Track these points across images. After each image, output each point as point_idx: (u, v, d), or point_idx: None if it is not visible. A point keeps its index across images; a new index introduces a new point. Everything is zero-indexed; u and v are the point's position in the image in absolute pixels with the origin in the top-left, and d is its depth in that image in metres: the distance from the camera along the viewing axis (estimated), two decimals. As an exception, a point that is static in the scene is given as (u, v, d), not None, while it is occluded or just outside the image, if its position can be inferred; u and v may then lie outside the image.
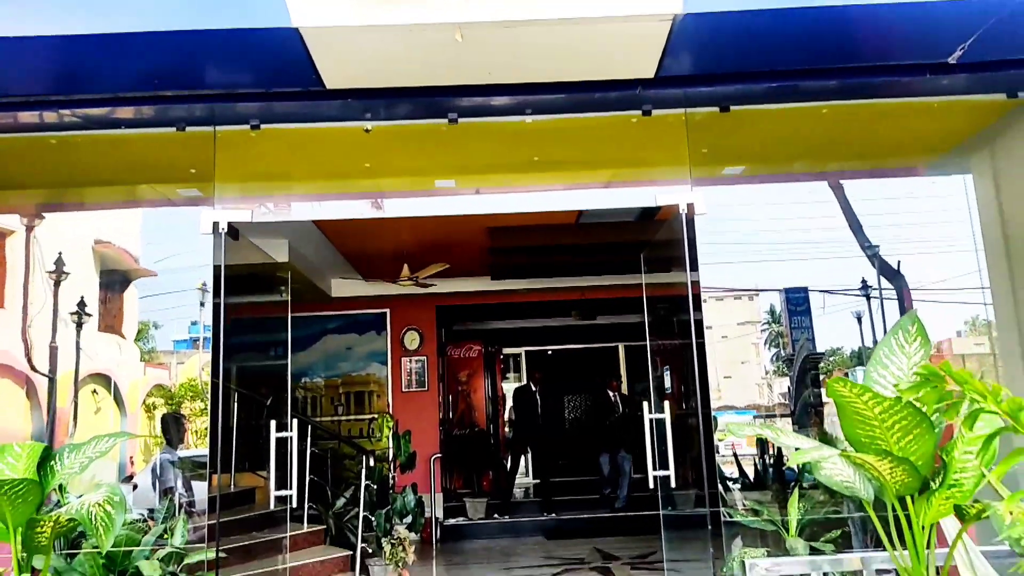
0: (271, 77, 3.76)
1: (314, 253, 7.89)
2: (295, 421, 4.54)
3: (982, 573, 2.34)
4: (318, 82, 3.73)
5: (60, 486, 3.11)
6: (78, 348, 7.89)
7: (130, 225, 8.73)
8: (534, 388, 10.88)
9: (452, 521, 9.62)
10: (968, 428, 1.98)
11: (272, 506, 4.55)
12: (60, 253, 7.71)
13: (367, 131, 4.05)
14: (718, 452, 6.90)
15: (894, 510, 2.28)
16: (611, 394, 10.35)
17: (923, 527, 2.20)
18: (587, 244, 7.65)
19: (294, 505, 4.52)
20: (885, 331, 7.18)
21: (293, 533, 5.95)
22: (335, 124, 4.13)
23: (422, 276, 8.15)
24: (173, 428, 5.99)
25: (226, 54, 3.58)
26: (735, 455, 6.05)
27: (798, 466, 4.30)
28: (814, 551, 3.91)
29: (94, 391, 8.04)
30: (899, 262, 7.03)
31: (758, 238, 7.68)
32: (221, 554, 3.87)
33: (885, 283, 7.21)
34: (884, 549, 2.37)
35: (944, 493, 2.13)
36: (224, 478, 5.78)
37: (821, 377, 6.45)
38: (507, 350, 13.73)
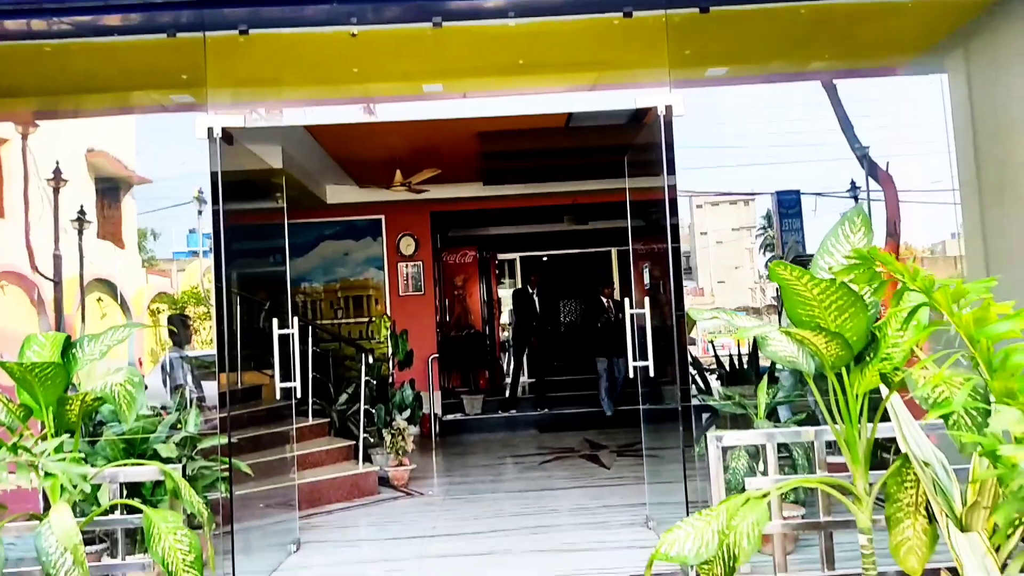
0: (257, -19, 3.82)
1: (308, 159, 7.99)
2: (295, 320, 4.81)
3: (913, 439, 2.62)
4: (303, -14, 3.79)
5: (76, 384, 3.38)
6: (81, 254, 8.12)
7: (124, 133, 8.79)
8: (531, 291, 11.25)
9: (450, 417, 10.12)
10: (895, 304, 2.22)
11: (278, 398, 4.84)
12: (57, 161, 7.83)
13: (353, 35, 4.12)
14: (704, 349, 7.20)
15: (834, 383, 2.55)
16: (604, 301, 10.62)
17: (857, 396, 2.47)
18: (577, 148, 7.73)
19: (298, 396, 4.81)
20: (872, 231, 7.38)
21: (299, 425, 6.33)
22: (322, 29, 4.19)
23: (415, 181, 8.27)
24: (180, 328, 6.26)
25: (211, -42, 3.63)
26: (714, 351, 6.37)
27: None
28: (779, 431, 4.23)
29: (99, 298, 8.31)
30: (887, 163, 7.16)
31: (749, 141, 7.76)
32: (233, 441, 4.20)
33: (874, 185, 7.36)
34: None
35: (876, 365, 2.38)
36: (231, 376, 6.12)
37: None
38: (501, 256, 13.98)
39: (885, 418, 2.65)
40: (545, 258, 14.63)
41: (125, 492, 3.42)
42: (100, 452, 4.02)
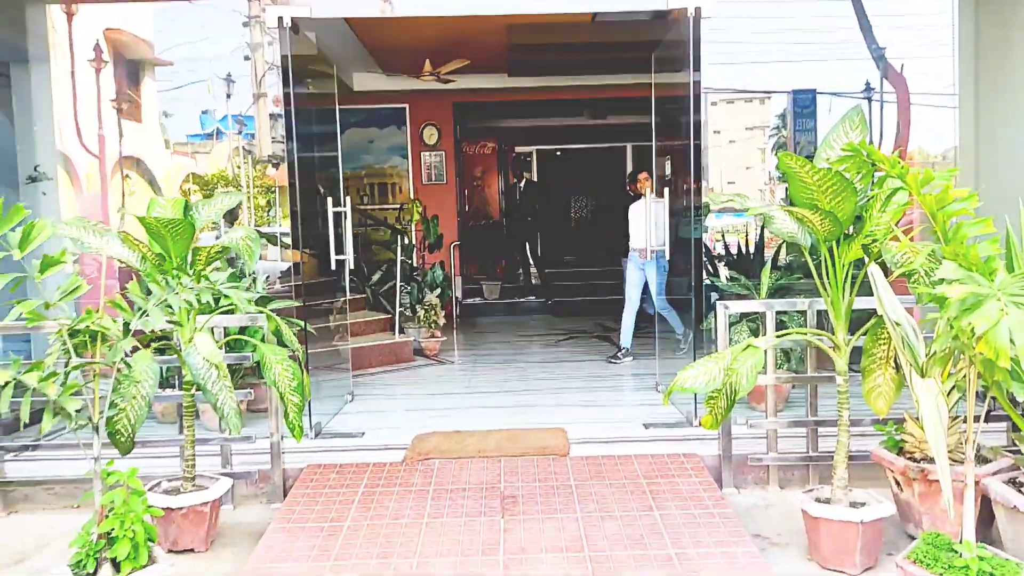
0: None
1: (338, 46, 8.25)
2: (348, 199, 5.33)
3: (887, 302, 3.17)
4: None
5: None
6: (120, 133, 8.59)
7: (146, 17, 9.04)
8: (543, 183, 11.69)
9: (470, 300, 10.81)
10: (877, 188, 2.72)
11: (333, 268, 5.37)
12: (97, 40, 8.15)
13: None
14: (712, 244, 7.65)
15: (825, 255, 3.09)
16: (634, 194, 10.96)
17: (843, 265, 3.01)
18: (602, 43, 7.96)
19: (351, 267, 5.35)
20: (883, 133, 7.75)
21: (342, 298, 6.96)
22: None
23: (443, 71, 8.56)
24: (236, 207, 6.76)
25: None
26: (724, 244, 6.89)
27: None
28: (778, 309, 4.80)
29: (127, 176, 8.79)
30: (902, 65, 7.44)
31: (768, 39, 7.97)
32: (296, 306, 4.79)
33: (887, 87, 7.66)
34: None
35: (860, 240, 2.91)
36: (285, 253, 6.70)
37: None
38: (519, 148, 14.29)
39: (862, 293, 3.21)
40: (559, 152, 14.91)
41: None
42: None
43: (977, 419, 2.97)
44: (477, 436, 4.37)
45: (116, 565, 2.65)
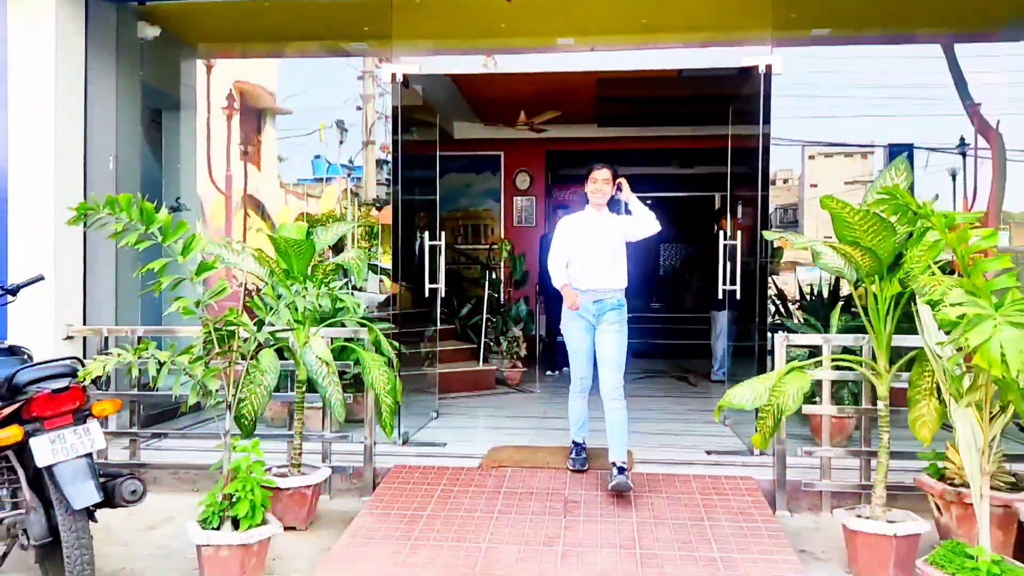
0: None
1: (442, 98, 9.00)
2: (442, 233, 5.90)
3: (930, 335, 3.39)
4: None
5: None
6: (246, 175, 9.59)
7: (272, 71, 10.07)
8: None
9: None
10: (911, 227, 3.00)
11: (426, 296, 5.91)
12: (231, 89, 9.19)
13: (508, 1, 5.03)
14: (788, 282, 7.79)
15: (868, 288, 3.37)
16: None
17: (885, 298, 3.28)
18: (688, 96, 8.35)
19: (443, 295, 5.89)
20: (976, 188, 7.82)
21: (433, 328, 7.51)
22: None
23: (537, 122, 9.17)
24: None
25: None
26: (799, 286, 7.09)
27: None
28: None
29: (247, 213, 9.74)
30: (998, 121, 7.52)
31: (864, 93, 8.15)
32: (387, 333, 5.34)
33: (982, 142, 7.74)
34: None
35: (899, 275, 3.19)
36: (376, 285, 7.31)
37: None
38: (608, 195, 14.72)
39: (902, 330, 3.45)
40: (648, 201, 15.23)
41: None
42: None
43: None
44: (547, 451, 4.76)
45: (235, 523, 3.18)
